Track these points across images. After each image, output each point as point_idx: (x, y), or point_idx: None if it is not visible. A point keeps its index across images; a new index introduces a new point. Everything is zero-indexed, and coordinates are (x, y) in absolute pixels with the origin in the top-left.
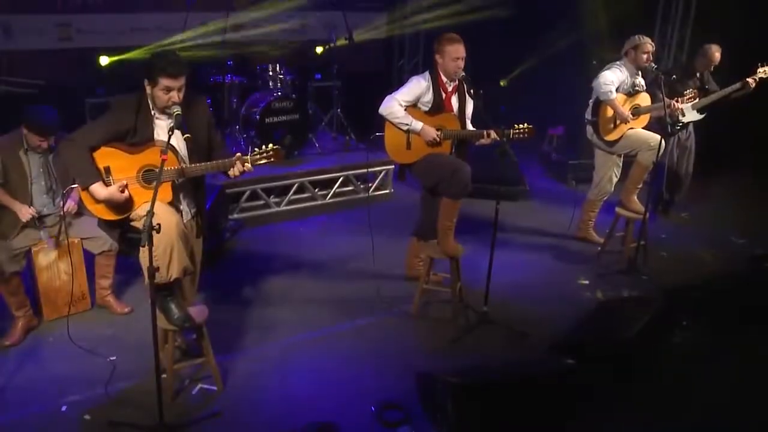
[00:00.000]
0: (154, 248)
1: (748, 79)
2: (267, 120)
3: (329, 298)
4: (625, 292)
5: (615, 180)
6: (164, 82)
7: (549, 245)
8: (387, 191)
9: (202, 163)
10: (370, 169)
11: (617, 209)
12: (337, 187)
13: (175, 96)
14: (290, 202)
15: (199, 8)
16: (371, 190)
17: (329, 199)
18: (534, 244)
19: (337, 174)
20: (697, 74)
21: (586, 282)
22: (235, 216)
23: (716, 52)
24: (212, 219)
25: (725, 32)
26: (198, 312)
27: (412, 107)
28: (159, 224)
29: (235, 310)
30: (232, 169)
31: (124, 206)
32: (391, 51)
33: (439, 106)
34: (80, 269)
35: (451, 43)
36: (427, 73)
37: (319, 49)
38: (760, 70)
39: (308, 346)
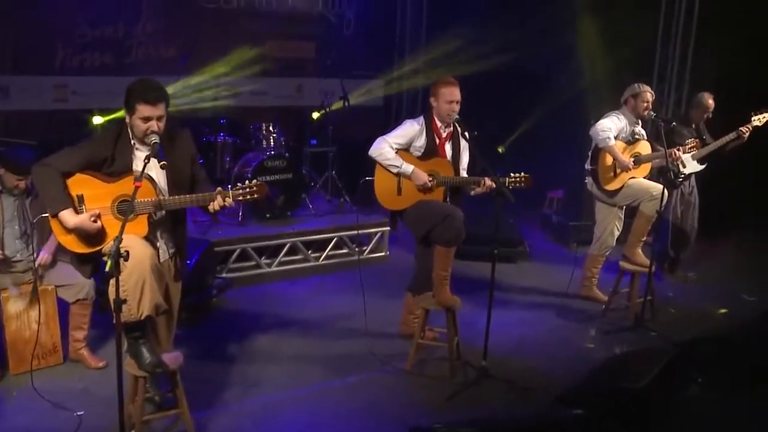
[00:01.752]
0: (124, 281)
1: (741, 129)
2: (259, 179)
3: (319, 355)
4: (633, 348)
5: (617, 234)
6: (142, 109)
7: (550, 304)
8: (382, 254)
9: (181, 196)
10: (363, 231)
11: (621, 263)
12: (331, 249)
13: (155, 125)
14: (281, 263)
15: (193, 72)
16: (366, 252)
17: (322, 260)
18: (534, 302)
19: (331, 235)
20: (694, 125)
21: (592, 338)
22: (224, 275)
23: (710, 99)
24: (199, 275)
25: (720, 82)
26: (172, 358)
27: (404, 152)
28: (127, 251)
29: (218, 365)
30: (212, 203)
31: (95, 238)
32: (389, 114)
33: (432, 151)
34: (53, 319)
35: (445, 85)
36: (421, 117)
37: (315, 115)
38: (754, 118)
39: (295, 402)
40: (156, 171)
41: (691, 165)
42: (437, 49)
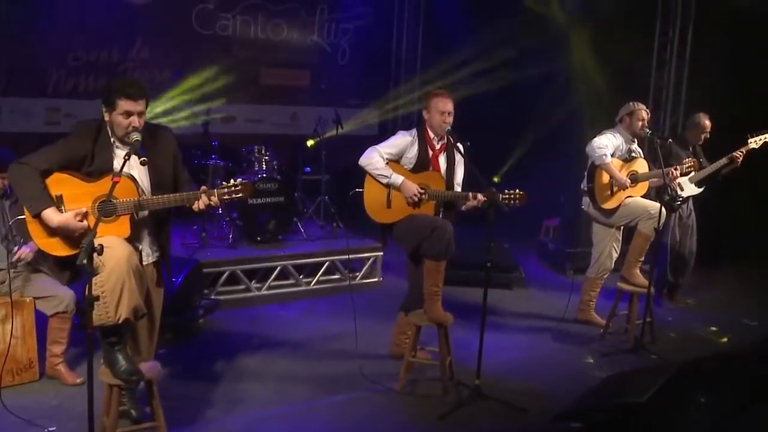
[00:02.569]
0: (102, 282)
1: (734, 153)
2: (250, 201)
3: (306, 374)
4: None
5: (615, 255)
6: (123, 105)
7: (547, 328)
8: (375, 279)
9: (164, 196)
10: (355, 256)
11: (619, 284)
12: (322, 274)
13: (136, 121)
14: (271, 287)
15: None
16: (358, 277)
17: (313, 285)
18: (530, 326)
19: (323, 259)
20: (690, 147)
21: (591, 361)
22: (212, 297)
23: (706, 120)
24: (185, 294)
25: (716, 105)
26: (149, 368)
27: (396, 163)
28: (101, 246)
29: (201, 383)
30: (197, 203)
31: (79, 239)
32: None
33: (424, 164)
34: (30, 333)
35: (437, 96)
36: (413, 130)
37: (310, 142)
38: (751, 140)
39: (280, 420)
40: (138, 171)
41: (688, 188)
42: (432, 77)
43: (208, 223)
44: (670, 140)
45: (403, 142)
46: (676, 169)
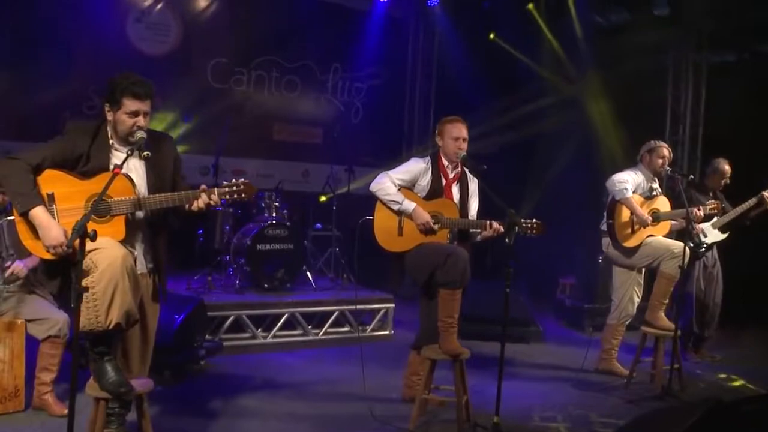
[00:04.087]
0: (93, 283)
1: (764, 193)
2: (259, 247)
3: (311, 413)
4: None
5: (637, 301)
6: (129, 104)
7: (567, 377)
8: (387, 332)
9: (161, 194)
10: (365, 306)
11: (643, 328)
12: (331, 326)
13: (141, 121)
14: (277, 336)
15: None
16: (368, 330)
17: (321, 336)
18: (549, 376)
19: (332, 308)
20: (711, 193)
21: (616, 408)
22: (215, 339)
23: (725, 165)
24: (186, 332)
25: (734, 150)
26: (140, 383)
27: (408, 190)
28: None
29: (199, 419)
30: (196, 201)
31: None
32: None
33: (437, 192)
34: (18, 357)
35: (450, 122)
36: (428, 157)
37: (322, 198)
38: None
39: None
40: (136, 173)
41: (712, 234)
42: None
43: (214, 269)
44: (691, 176)
45: (416, 168)
46: (699, 210)
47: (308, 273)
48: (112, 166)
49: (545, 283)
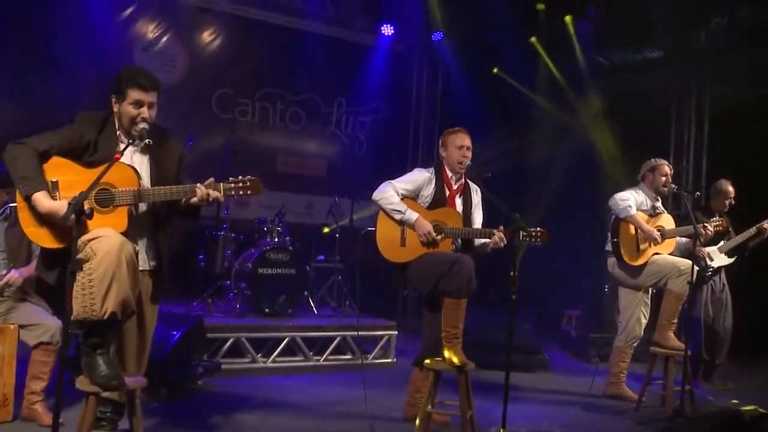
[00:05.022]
0: (91, 270)
1: (763, 224)
2: (260, 271)
3: (311, 430)
4: None
5: (644, 322)
6: (134, 95)
7: (574, 402)
8: (389, 360)
9: (164, 186)
10: (366, 333)
11: (652, 349)
12: (333, 353)
13: (146, 112)
14: (277, 360)
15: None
16: (371, 357)
17: (323, 361)
18: (557, 400)
19: (334, 333)
20: (717, 215)
21: (627, 429)
22: (214, 361)
23: (729, 186)
24: (184, 349)
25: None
26: (133, 381)
27: (411, 200)
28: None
29: None
30: (199, 191)
31: (67, 232)
32: None
33: (439, 202)
34: (9, 365)
35: (454, 132)
36: (432, 168)
37: (326, 229)
38: None
39: None
40: (140, 166)
41: (718, 258)
42: None
43: (214, 294)
44: (698, 193)
45: (420, 177)
46: (705, 227)
47: (310, 299)
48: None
49: (550, 316)
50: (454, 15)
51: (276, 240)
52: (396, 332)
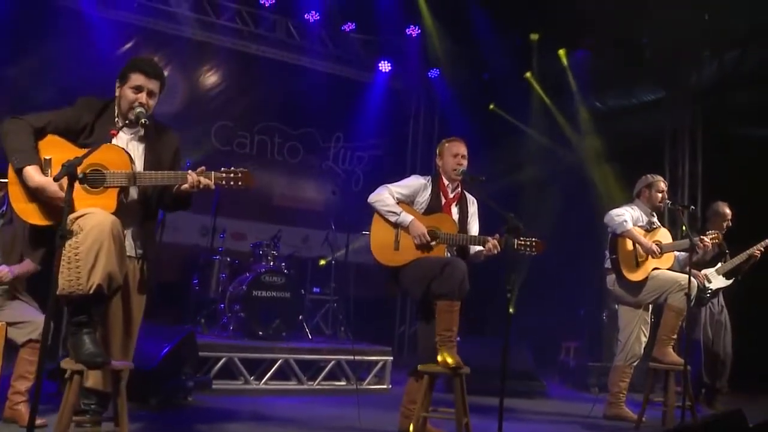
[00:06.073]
0: (78, 243)
1: (754, 250)
2: (255, 293)
3: None
4: None
5: (644, 340)
6: (135, 79)
7: (574, 423)
8: (384, 386)
9: (156, 172)
10: (364, 358)
11: (650, 364)
12: (327, 378)
13: (144, 98)
14: (269, 383)
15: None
16: (365, 383)
17: (316, 386)
18: (556, 421)
19: (328, 357)
20: None
21: None
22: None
23: (725, 207)
24: (174, 360)
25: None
26: (120, 363)
27: (407, 205)
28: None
29: None
30: (190, 177)
31: (56, 210)
32: None
33: (435, 209)
34: None
35: (450, 141)
36: (428, 176)
37: (322, 261)
38: None
39: None
40: (134, 152)
41: (717, 280)
42: None
43: (208, 318)
44: (692, 207)
45: (416, 183)
46: (702, 240)
47: (305, 324)
48: (114, 142)
49: (548, 347)
50: (450, 52)
51: (271, 264)
52: (391, 357)
